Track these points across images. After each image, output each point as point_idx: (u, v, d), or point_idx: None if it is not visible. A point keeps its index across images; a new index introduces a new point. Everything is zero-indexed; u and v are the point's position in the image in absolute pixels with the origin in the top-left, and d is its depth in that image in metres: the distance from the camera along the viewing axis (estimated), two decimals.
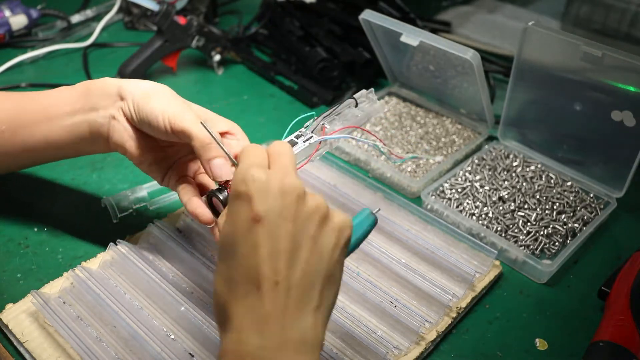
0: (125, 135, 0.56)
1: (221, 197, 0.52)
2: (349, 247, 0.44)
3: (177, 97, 0.55)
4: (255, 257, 0.39)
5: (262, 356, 0.38)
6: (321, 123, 0.56)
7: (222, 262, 0.41)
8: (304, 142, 0.54)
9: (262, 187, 0.40)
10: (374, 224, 0.47)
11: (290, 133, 0.55)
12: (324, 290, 0.40)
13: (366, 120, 0.60)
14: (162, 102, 0.54)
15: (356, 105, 0.59)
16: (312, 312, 0.40)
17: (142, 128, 0.55)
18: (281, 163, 0.42)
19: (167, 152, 0.58)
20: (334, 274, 0.42)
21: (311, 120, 0.56)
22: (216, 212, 0.54)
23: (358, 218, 0.47)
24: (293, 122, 0.55)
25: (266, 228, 0.39)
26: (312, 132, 0.55)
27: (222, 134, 0.56)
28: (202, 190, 0.57)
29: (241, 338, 0.39)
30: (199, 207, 0.54)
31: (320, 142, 0.55)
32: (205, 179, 0.59)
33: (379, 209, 0.49)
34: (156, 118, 0.53)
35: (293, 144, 0.54)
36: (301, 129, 0.56)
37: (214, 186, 0.57)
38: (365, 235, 0.47)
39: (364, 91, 0.59)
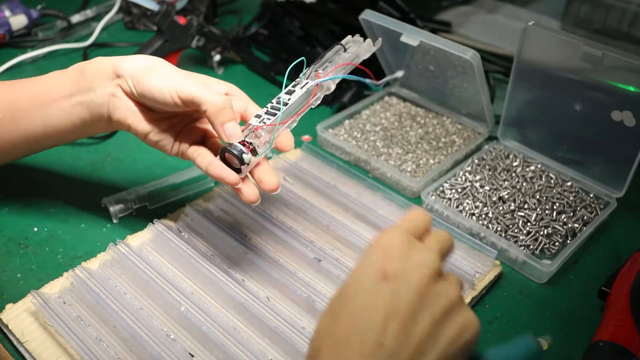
0: (127, 111, 0.56)
1: (236, 152, 0.52)
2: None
3: (175, 67, 0.56)
4: (370, 311, 0.37)
5: None
6: (314, 70, 0.58)
7: (337, 303, 0.39)
8: (301, 88, 0.56)
9: (404, 250, 0.39)
10: (537, 356, 0.40)
11: (287, 84, 0.57)
12: None
13: (357, 61, 0.61)
14: (163, 74, 0.54)
15: (345, 50, 0.61)
16: None
17: (145, 102, 0.56)
18: (433, 243, 0.41)
19: (171, 122, 0.58)
20: None
21: (305, 70, 0.58)
22: (231, 169, 0.54)
23: (515, 344, 0.40)
24: (287, 70, 0.56)
25: (392, 288, 0.37)
26: (306, 79, 0.57)
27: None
28: (214, 153, 0.57)
29: None
30: (222, 169, 0.54)
31: (317, 85, 0.57)
32: (216, 142, 0.60)
33: (549, 338, 0.42)
34: (160, 90, 0.53)
35: (290, 92, 0.56)
36: (297, 79, 0.57)
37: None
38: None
39: (349, 37, 0.62)
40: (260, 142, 0.54)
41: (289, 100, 0.56)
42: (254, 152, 0.53)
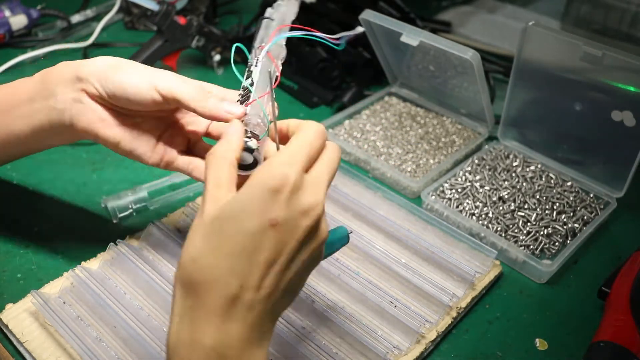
0: (93, 117, 0.52)
1: (253, 147, 0.47)
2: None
3: (143, 64, 0.53)
4: (252, 255, 0.38)
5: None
6: (256, 48, 0.53)
7: (215, 236, 0.39)
8: (256, 66, 0.51)
9: (295, 195, 0.39)
10: (346, 243, 0.51)
11: (242, 75, 0.52)
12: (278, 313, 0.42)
13: (288, 20, 0.57)
14: (135, 70, 0.51)
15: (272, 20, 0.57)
16: (258, 341, 0.40)
17: (116, 103, 0.51)
18: (321, 180, 0.41)
19: (145, 128, 0.54)
20: (299, 290, 0.44)
21: (250, 54, 0.53)
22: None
23: (335, 235, 0.50)
24: (232, 62, 0.52)
25: (277, 237, 0.39)
26: (255, 57, 0.52)
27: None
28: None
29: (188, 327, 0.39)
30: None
31: (268, 53, 0.52)
32: (204, 147, 0.56)
33: (352, 231, 0.53)
34: (136, 86, 0.50)
35: (249, 76, 0.51)
36: (248, 65, 0.53)
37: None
38: (332, 252, 0.50)
39: (269, 9, 0.57)
40: (253, 124, 0.48)
41: (251, 81, 0.51)
42: (255, 136, 0.48)
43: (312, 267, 0.44)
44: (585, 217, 0.71)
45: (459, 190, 0.74)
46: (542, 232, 0.68)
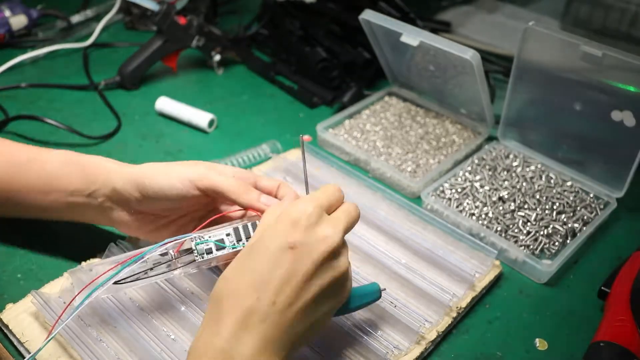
0: (129, 226, 0.57)
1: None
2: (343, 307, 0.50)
3: (174, 164, 0.55)
4: (271, 273, 0.44)
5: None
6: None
7: (244, 259, 0.45)
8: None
9: (313, 226, 0.45)
10: (377, 299, 0.54)
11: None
12: (301, 329, 0.45)
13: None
14: (165, 172, 0.53)
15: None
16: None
17: (153, 206, 0.55)
18: (341, 215, 0.48)
19: (160, 221, 0.57)
20: (319, 324, 0.48)
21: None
22: None
23: (366, 289, 0.53)
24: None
25: (294, 257, 0.44)
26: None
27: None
28: None
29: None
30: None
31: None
32: None
33: (385, 289, 0.55)
34: (172, 186, 0.52)
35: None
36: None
37: None
38: (361, 307, 0.53)
39: None
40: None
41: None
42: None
43: (335, 302, 0.48)
44: (585, 217, 0.71)
45: (459, 190, 0.74)
46: (542, 232, 0.68)
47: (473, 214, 0.71)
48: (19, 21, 0.99)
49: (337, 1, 1.03)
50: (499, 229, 0.69)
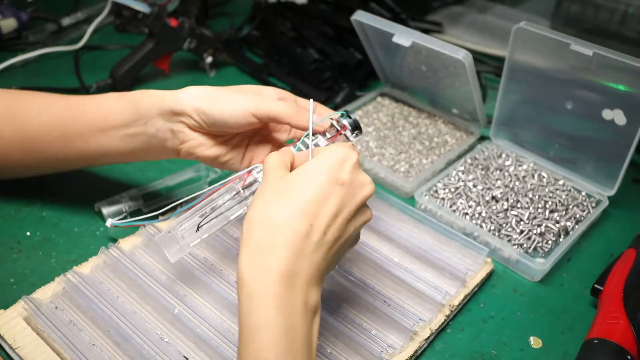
0: (194, 143, 0.58)
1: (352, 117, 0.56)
2: None
3: (225, 87, 0.58)
4: (322, 203, 0.45)
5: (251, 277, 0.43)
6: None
7: (282, 189, 0.46)
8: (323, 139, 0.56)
9: (357, 171, 0.48)
10: None
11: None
12: (339, 255, 0.49)
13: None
14: (230, 99, 0.56)
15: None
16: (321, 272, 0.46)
17: (215, 130, 0.57)
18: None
19: (234, 142, 0.60)
20: (334, 265, 0.51)
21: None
22: None
23: None
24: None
25: (343, 192, 0.46)
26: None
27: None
28: None
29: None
30: None
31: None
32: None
33: None
34: (233, 115, 0.55)
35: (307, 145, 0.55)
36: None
37: None
38: None
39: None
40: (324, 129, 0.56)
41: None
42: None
43: (349, 249, 0.51)
44: (577, 216, 0.72)
45: (452, 190, 0.74)
46: (535, 231, 0.69)
47: (466, 214, 0.71)
48: (9, 24, 0.98)
49: (328, 2, 1.03)
50: (492, 228, 0.69)
